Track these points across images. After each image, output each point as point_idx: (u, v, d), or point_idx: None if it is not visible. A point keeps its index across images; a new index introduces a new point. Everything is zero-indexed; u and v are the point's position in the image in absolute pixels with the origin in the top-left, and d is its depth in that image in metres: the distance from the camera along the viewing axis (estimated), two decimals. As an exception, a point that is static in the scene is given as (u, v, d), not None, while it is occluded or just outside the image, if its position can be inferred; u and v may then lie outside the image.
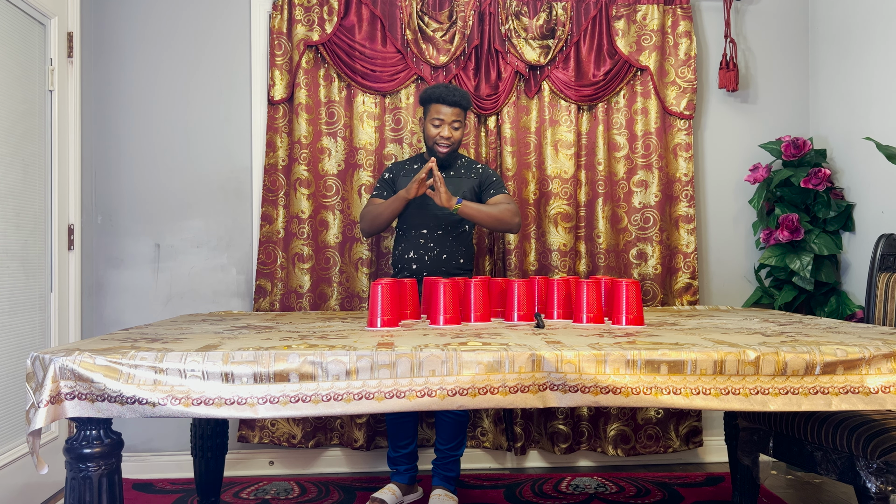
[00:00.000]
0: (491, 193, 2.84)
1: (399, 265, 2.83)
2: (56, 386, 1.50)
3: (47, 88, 2.92)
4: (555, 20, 3.28)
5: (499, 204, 2.78)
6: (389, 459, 2.82)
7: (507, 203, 2.79)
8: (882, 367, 1.62)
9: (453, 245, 2.80)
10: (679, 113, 3.33)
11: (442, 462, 2.73)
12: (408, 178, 2.84)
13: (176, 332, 1.92)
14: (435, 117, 2.76)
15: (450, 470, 2.73)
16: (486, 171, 2.89)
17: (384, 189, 2.87)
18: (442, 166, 2.84)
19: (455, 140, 2.79)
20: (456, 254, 2.80)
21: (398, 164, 2.93)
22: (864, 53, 3.12)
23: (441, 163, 2.82)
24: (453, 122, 2.76)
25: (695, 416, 3.30)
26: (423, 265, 2.78)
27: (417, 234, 2.80)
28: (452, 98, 2.74)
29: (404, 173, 2.87)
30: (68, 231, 3.04)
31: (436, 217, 2.79)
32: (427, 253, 2.78)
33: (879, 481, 1.85)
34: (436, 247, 2.78)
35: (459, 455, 2.74)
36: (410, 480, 2.81)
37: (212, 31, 3.30)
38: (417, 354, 1.56)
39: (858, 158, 3.16)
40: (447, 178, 2.82)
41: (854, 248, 3.20)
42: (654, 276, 3.30)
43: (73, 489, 1.56)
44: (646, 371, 1.58)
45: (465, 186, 2.83)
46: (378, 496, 2.69)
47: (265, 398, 1.52)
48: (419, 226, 2.80)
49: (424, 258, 2.78)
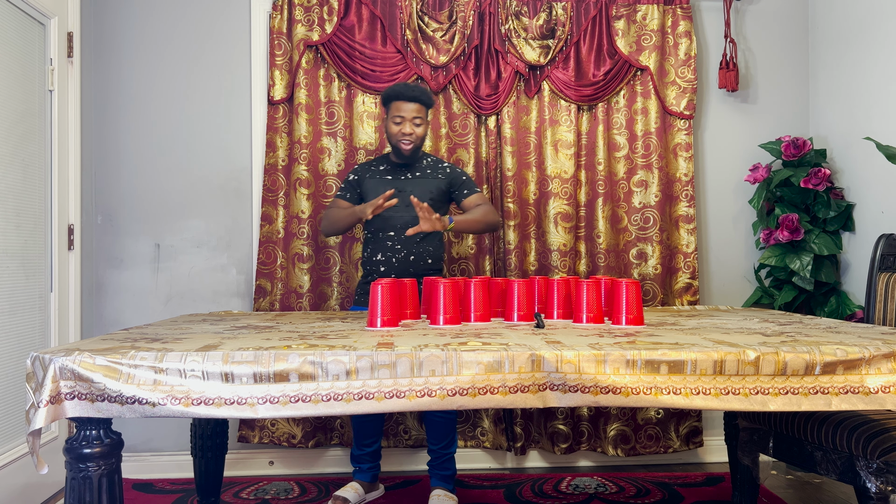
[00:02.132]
0: (465, 194, 2.83)
1: (368, 268, 2.83)
2: (56, 386, 1.50)
3: (47, 88, 2.92)
4: (555, 20, 3.28)
5: (479, 206, 2.79)
6: (353, 457, 2.84)
7: (485, 203, 2.81)
8: (882, 367, 1.62)
9: (421, 246, 2.78)
10: (679, 113, 3.33)
11: (437, 462, 2.74)
12: (374, 179, 2.83)
13: (176, 332, 1.92)
14: (396, 115, 2.75)
15: (445, 469, 2.74)
16: (454, 170, 2.87)
17: (348, 191, 2.87)
18: (406, 166, 2.83)
19: (418, 137, 2.77)
20: (424, 255, 2.79)
21: (364, 165, 2.91)
22: (864, 53, 3.12)
23: (405, 162, 2.82)
24: (415, 119, 2.75)
25: (695, 416, 3.30)
26: (392, 268, 2.77)
27: (385, 237, 2.79)
28: (412, 94, 2.74)
29: (370, 175, 2.85)
30: (68, 231, 3.04)
31: (402, 220, 2.77)
32: (395, 255, 2.77)
33: (879, 481, 1.85)
34: (403, 248, 2.77)
35: (453, 452, 2.75)
36: (373, 479, 2.84)
37: (212, 31, 3.30)
38: (417, 354, 1.56)
39: (858, 158, 3.16)
40: (413, 180, 2.81)
41: (854, 248, 3.20)
42: (654, 276, 3.30)
43: (73, 489, 1.56)
44: (646, 371, 1.58)
45: (433, 187, 2.81)
46: (340, 494, 2.72)
47: (265, 398, 1.52)
48: (386, 228, 2.78)
49: (392, 260, 2.77)
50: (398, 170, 2.84)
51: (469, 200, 2.82)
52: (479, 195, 2.84)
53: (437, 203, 2.81)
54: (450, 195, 2.87)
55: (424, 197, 2.78)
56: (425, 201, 2.75)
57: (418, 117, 2.76)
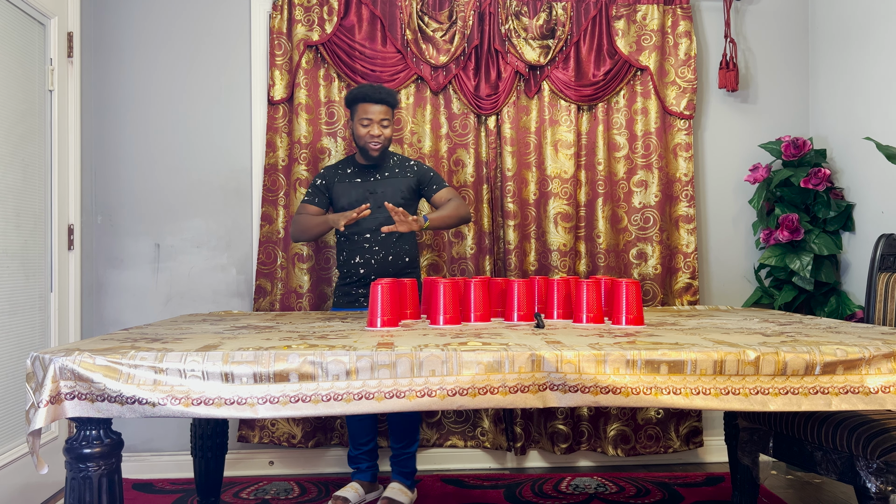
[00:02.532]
0: (435, 190, 2.84)
1: (345, 270, 2.82)
2: (56, 386, 1.50)
3: (47, 88, 2.92)
4: (555, 20, 3.28)
5: (450, 201, 2.80)
6: (350, 458, 2.85)
7: (455, 197, 2.83)
8: (882, 367, 1.62)
9: (398, 246, 2.78)
10: (679, 113, 3.33)
11: (396, 459, 2.80)
12: (343, 183, 2.82)
13: (176, 332, 1.92)
14: (363, 117, 2.75)
15: (404, 466, 2.80)
16: (421, 167, 2.87)
17: (316, 195, 2.86)
18: (374, 167, 2.83)
19: (386, 138, 2.78)
20: (401, 254, 2.79)
21: (330, 168, 2.90)
22: (864, 53, 3.12)
23: (373, 163, 2.82)
24: (382, 121, 2.75)
25: (695, 417, 3.30)
26: (371, 269, 2.77)
27: (361, 240, 2.78)
28: (378, 96, 2.74)
29: (339, 179, 2.85)
30: (68, 231, 3.04)
31: (377, 221, 2.77)
32: (374, 257, 2.77)
33: (879, 481, 1.85)
34: (381, 249, 2.77)
35: (412, 451, 2.80)
36: (372, 478, 2.85)
37: (212, 31, 3.30)
38: (417, 354, 1.56)
39: (858, 158, 3.16)
40: (382, 181, 2.81)
41: (854, 248, 3.20)
42: (654, 276, 3.30)
43: (73, 489, 1.56)
44: (646, 371, 1.58)
45: (402, 186, 2.82)
46: (340, 494, 2.72)
47: (265, 398, 1.52)
48: (362, 231, 2.77)
49: (371, 262, 2.77)
50: (366, 171, 2.84)
51: (439, 196, 2.83)
52: (449, 189, 2.85)
53: (408, 202, 2.82)
54: (420, 192, 2.87)
55: (396, 197, 2.78)
56: (397, 201, 2.77)
57: (385, 119, 2.76)
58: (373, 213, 2.77)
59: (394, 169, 2.85)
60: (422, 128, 3.26)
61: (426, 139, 3.25)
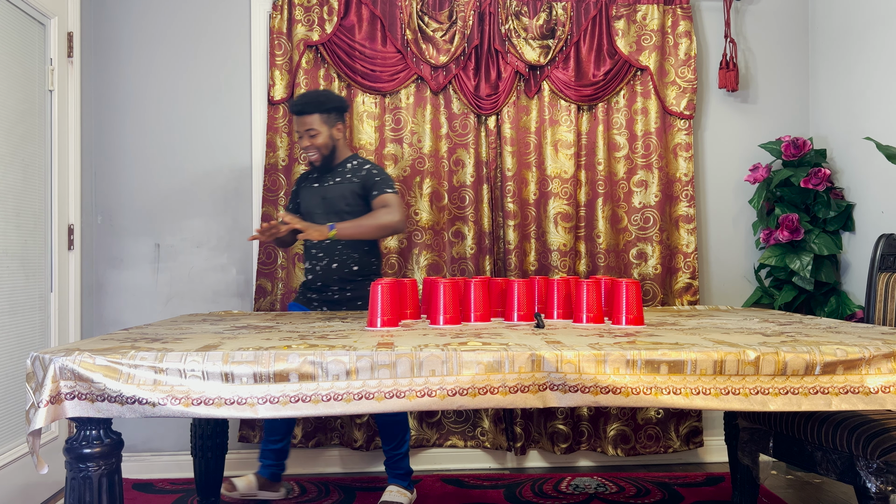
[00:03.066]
0: (374, 195, 2.73)
1: (304, 274, 2.83)
2: (56, 386, 1.50)
3: (47, 88, 2.92)
4: (555, 20, 3.28)
5: (382, 208, 2.67)
6: (260, 452, 2.81)
7: (389, 204, 2.68)
8: (882, 367, 1.62)
9: (344, 253, 2.73)
10: (679, 113, 3.33)
11: (390, 462, 2.77)
12: (306, 188, 2.83)
13: (176, 332, 1.92)
14: (295, 129, 2.76)
15: (397, 467, 2.76)
16: (369, 172, 2.77)
17: (292, 202, 2.93)
18: (328, 172, 2.80)
19: (320, 146, 2.73)
20: (348, 262, 2.74)
21: (303, 174, 2.93)
22: (864, 54, 3.12)
23: (326, 169, 2.79)
24: (308, 131, 2.71)
25: (695, 416, 3.30)
26: (317, 276, 2.76)
27: (310, 246, 2.78)
28: (296, 108, 2.71)
29: (304, 184, 2.87)
30: (68, 231, 3.04)
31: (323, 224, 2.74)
32: (318, 263, 2.75)
33: (879, 481, 1.85)
34: (325, 257, 2.74)
35: (403, 451, 2.78)
36: (272, 477, 2.80)
37: (212, 31, 3.30)
38: (417, 354, 1.56)
39: (858, 158, 3.16)
40: (333, 186, 2.76)
41: (854, 248, 3.20)
42: (654, 276, 3.30)
43: (73, 489, 1.56)
44: (646, 371, 1.58)
45: (348, 192, 2.74)
46: (232, 478, 2.71)
47: (265, 398, 1.52)
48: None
49: (317, 269, 2.76)
50: (323, 176, 2.82)
51: (375, 202, 2.71)
52: (385, 196, 2.71)
53: (354, 208, 2.73)
54: (366, 196, 2.77)
55: (340, 202, 2.73)
56: (341, 207, 2.72)
57: (312, 129, 2.71)
58: (318, 220, 2.74)
59: (346, 174, 2.78)
60: (422, 128, 3.26)
61: (426, 139, 3.25)
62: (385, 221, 2.64)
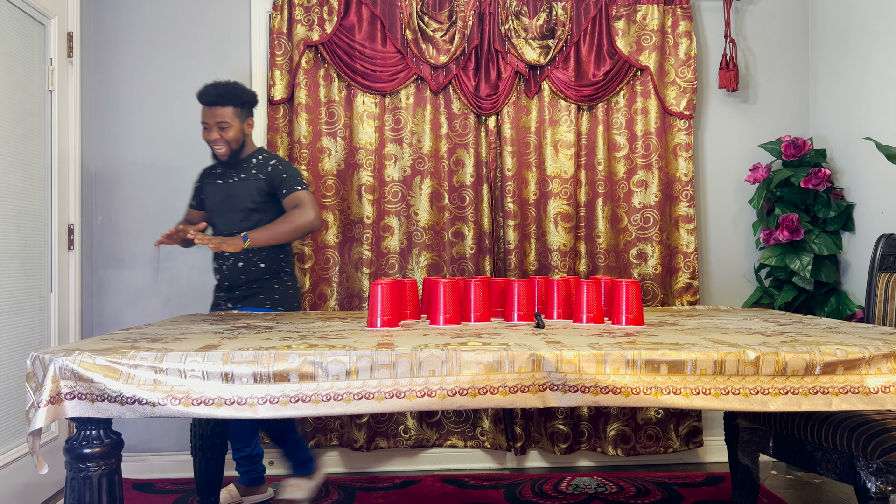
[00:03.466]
0: (284, 195, 2.63)
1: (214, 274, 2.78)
2: (56, 386, 1.50)
3: (47, 88, 2.92)
4: (555, 20, 3.28)
5: (293, 209, 2.59)
6: (235, 462, 2.78)
7: (301, 204, 2.60)
8: (882, 367, 1.62)
9: (250, 250, 2.64)
10: (679, 113, 3.33)
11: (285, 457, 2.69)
12: (209, 184, 2.74)
13: (176, 332, 1.92)
14: (203, 120, 2.63)
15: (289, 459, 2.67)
16: (275, 169, 2.67)
17: (194, 198, 2.83)
18: (233, 167, 2.70)
19: (230, 140, 2.62)
20: (254, 259, 2.66)
21: (206, 168, 2.84)
22: (864, 53, 3.12)
23: (230, 164, 2.69)
24: (220, 124, 2.59)
25: (695, 416, 3.30)
26: (224, 276, 2.68)
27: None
28: (210, 99, 2.58)
29: (208, 178, 2.78)
30: (68, 231, 3.04)
31: (227, 225, 2.67)
32: (224, 263, 2.68)
33: (879, 481, 1.85)
34: (230, 256, 2.65)
35: (249, 453, 2.72)
36: (252, 482, 2.78)
37: (212, 31, 3.30)
38: (417, 354, 1.56)
39: (858, 158, 3.16)
40: (238, 182, 2.67)
41: (854, 248, 3.20)
42: (654, 276, 3.30)
43: (73, 489, 1.56)
44: (646, 371, 1.58)
45: (254, 189, 2.65)
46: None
47: (265, 398, 1.52)
48: (216, 232, 2.71)
49: (223, 269, 2.68)
50: (227, 172, 2.72)
51: (286, 202, 2.63)
52: (296, 195, 2.62)
53: (261, 206, 2.66)
54: (275, 194, 2.68)
55: (246, 200, 2.65)
56: (248, 205, 2.64)
57: (224, 122, 2.59)
58: (225, 220, 2.67)
59: (251, 170, 2.68)
60: (422, 128, 3.26)
61: (426, 139, 3.25)
62: (300, 223, 2.56)
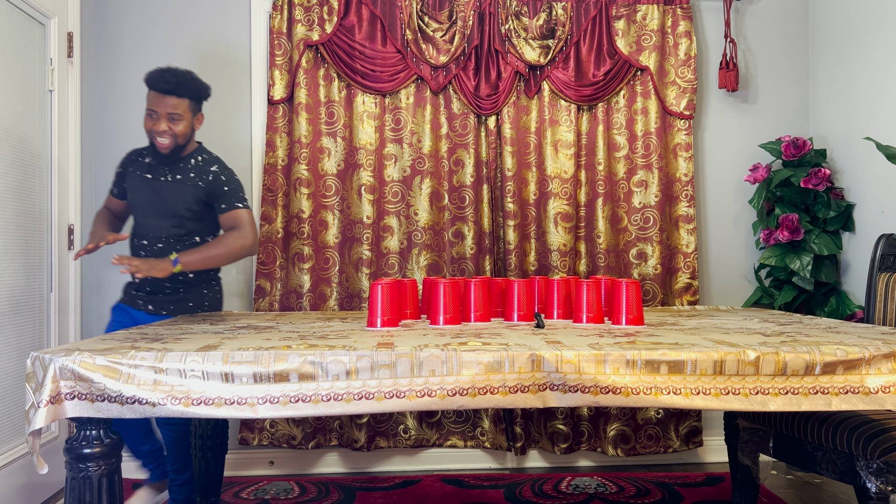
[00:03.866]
0: (222, 209, 2.46)
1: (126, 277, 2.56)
2: (56, 386, 1.50)
3: (47, 88, 2.92)
4: (555, 20, 3.28)
5: (226, 234, 2.43)
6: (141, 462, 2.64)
7: (239, 226, 2.44)
8: (882, 367, 1.62)
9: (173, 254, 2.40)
10: (679, 113, 3.33)
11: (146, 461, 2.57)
12: (135, 176, 2.49)
13: (176, 332, 1.92)
14: (150, 108, 2.38)
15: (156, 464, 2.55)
16: (217, 178, 2.47)
17: (116, 185, 2.59)
18: (169, 163, 2.48)
19: (179, 134, 2.41)
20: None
21: (133, 153, 2.57)
22: (864, 53, 3.12)
23: (166, 160, 2.46)
24: (171, 115, 2.38)
25: (695, 416, 3.30)
26: (145, 279, 2.45)
27: (139, 245, 2.48)
28: (167, 86, 2.35)
29: (133, 167, 2.51)
30: (68, 231, 3.04)
31: (155, 228, 2.45)
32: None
33: (879, 481, 1.85)
34: (154, 257, 2.43)
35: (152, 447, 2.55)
36: (162, 476, 2.61)
37: (212, 31, 3.30)
38: (417, 354, 1.56)
39: (858, 158, 3.16)
40: (171, 184, 2.46)
41: (854, 248, 3.20)
42: (654, 276, 3.30)
43: (73, 489, 1.56)
44: (646, 371, 1.58)
45: (190, 196, 2.44)
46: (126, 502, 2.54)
47: (265, 398, 1.52)
48: (140, 234, 2.46)
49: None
50: (161, 166, 2.49)
51: (224, 219, 2.46)
52: (235, 214, 2.44)
53: (196, 215, 2.48)
54: (212, 206, 2.50)
55: (181, 207, 2.44)
56: (182, 213, 2.45)
57: (176, 113, 2.38)
58: (152, 219, 2.44)
59: (190, 172, 2.46)
60: (422, 128, 3.26)
61: (426, 139, 3.25)
62: (236, 248, 2.40)
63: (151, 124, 2.40)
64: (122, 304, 2.58)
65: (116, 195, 2.60)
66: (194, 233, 2.50)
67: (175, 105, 2.38)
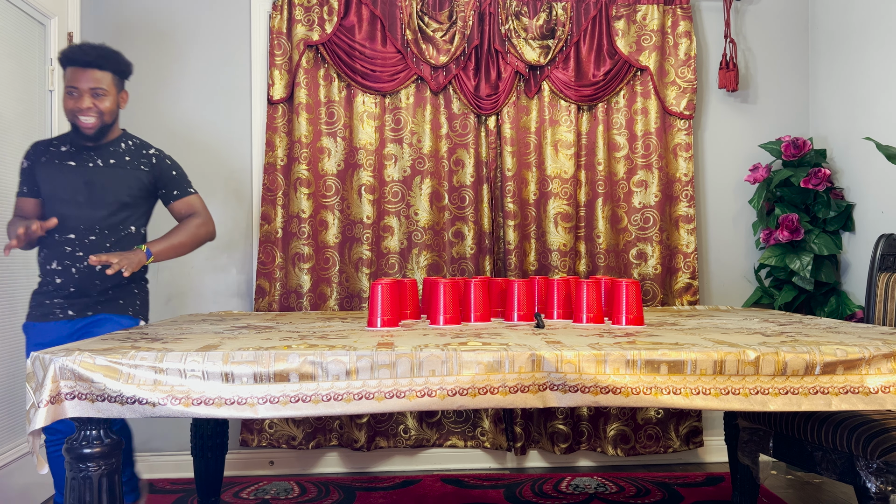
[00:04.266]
0: (175, 196, 2.36)
1: (43, 276, 2.27)
2: (56, 386, 1.50)
3: (47, 88, 2.92)
4: (555, 20, 3.28)
5: (190, 218, 2.36)
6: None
7: (199, 213, 2.38)
8: (882, 367, 1.62)
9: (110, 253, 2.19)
10: (679, 113, 3.33)
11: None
12: (51, 166, 2.25)
13: (176, 332, 1.92)
14: (69, 85, 2.19)
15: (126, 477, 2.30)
16: (162, 162, 2.34)
17: (25, 184, 2.31)
18: (96, 148, 2.28)
19: (105, 112, 2.22)
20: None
21: (40, 144, 2.32)
22: (864, 54, 3.12)
23: (89, 145, 2.27)
24: (95, 90, 2.19)
25: (695, 416, 3.30)
26: (70, 279, 2.22)
27: (63, 240, 2.22)
28: (87, 58, 2.17)
29: (47, 158, 2.27)
30: (68, 231, 3.04)
31: (88, 220, 2.24)
32: (75, 264, 2.22)
33: (879, 481, 1.85)
34: (86, 256, 2.22)
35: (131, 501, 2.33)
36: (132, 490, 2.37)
37: (211, 31, 3.30)
38: (417, 354, 1.56)
39: (858, 158, 3.16)
40: (105, 169, 2.27)
41: (854, 248, 3.20)
42: (654, 276, 3.30)
43: (73, 489, 1.56)
44: (646, 371, 1.58)
45: (132, 181, 2.28)
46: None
47: (265, 398, 1.52)
48: (66, 228, 2.22)
49: (72, 271, 2.22)
50: (85, 153, 2.28)
51: (178, 207, 2.37)
52: (190, 201, 2.37)
53: (137, 202, 2.32)
54: (156, 193, 2.38)
55: (122, 194, 2.26)
56: (122, 198, 2.26)
57: (100, 88, 2.20)
58: (82, 209, 2.23)
59: (124, 156, 2.29)
60: (422, 128, 3.26)
61: (426, 139, 3.25)
62: (202, 235, 2.37)
63: (73, 103, 2.20)
64: (33, 322, 2.29)
65: (27, 194, 2.30)
66: (129, 221, 2.32)
67: (98, 79, 2.20)
